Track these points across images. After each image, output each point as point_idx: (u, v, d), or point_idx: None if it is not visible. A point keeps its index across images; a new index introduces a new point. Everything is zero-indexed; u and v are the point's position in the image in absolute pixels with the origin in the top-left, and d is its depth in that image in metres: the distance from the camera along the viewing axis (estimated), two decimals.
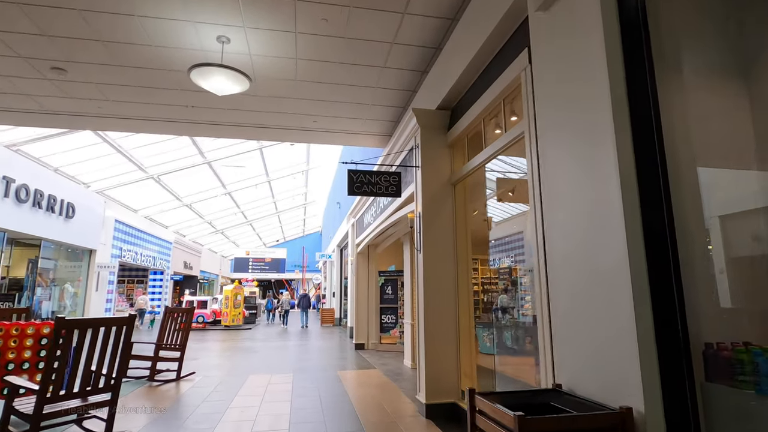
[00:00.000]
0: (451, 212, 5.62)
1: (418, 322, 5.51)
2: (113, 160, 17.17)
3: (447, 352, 5.35)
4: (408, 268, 8.75)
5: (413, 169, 5.95)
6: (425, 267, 5.40)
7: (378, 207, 8.67)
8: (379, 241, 11.04)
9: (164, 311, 7.97)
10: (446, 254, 5.52)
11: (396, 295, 11.05)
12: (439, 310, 5.40)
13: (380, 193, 5.64)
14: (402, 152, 6.53)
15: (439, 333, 5.35)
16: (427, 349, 5.25)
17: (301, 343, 12.91)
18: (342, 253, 19.39)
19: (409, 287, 8.65)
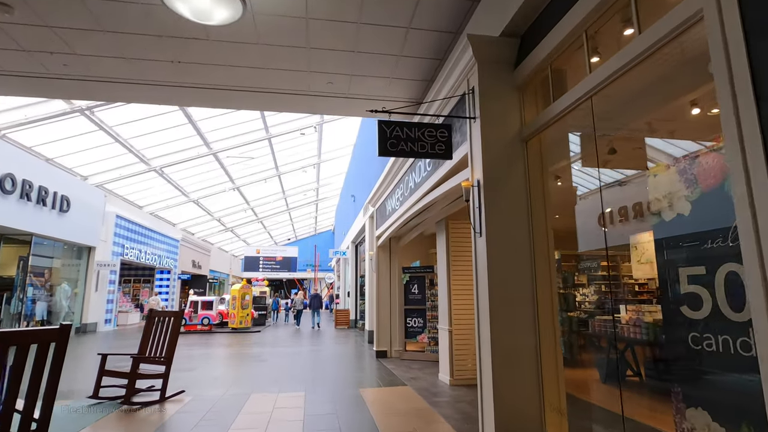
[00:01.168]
0: (523, 179, 3.97)
1: (480, 338, 3.87)
2: (112, 150, 15.80)
3: (525, 380, 3.69)
4: (443, 262, 7.11)
5: (465, 125, 4.32)
6: (490, 255, 3.76)
7: (407, 187, 7.05)
8: (402, 233, 9.41)
9: (147, 315, 6.43)
10: (518, 237, 3.87)
11: (424, 294, 9.41)
12: (511, 318, 3.75)
13: (423, 154, 4.01)
14: (448, 100, 4.88)
15: (514, 353, 3.70)
16: (496, 377, 3.60)
17: (314, 349, 11.33)
18: (357, 250, 17.81)
19: (445, 285, 7.01)
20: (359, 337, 14.28)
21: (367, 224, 12.74)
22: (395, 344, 9.71)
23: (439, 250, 7.39)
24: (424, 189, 6.03)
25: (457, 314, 6.86)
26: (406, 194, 7.05)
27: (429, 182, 5.77)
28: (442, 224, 7.24)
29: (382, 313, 9.76)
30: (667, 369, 3.15)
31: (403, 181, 7.31)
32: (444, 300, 7.03)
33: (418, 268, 9.66)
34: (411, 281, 9.60)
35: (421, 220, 7.55)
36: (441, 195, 5.44)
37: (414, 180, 6.57)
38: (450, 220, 7.12)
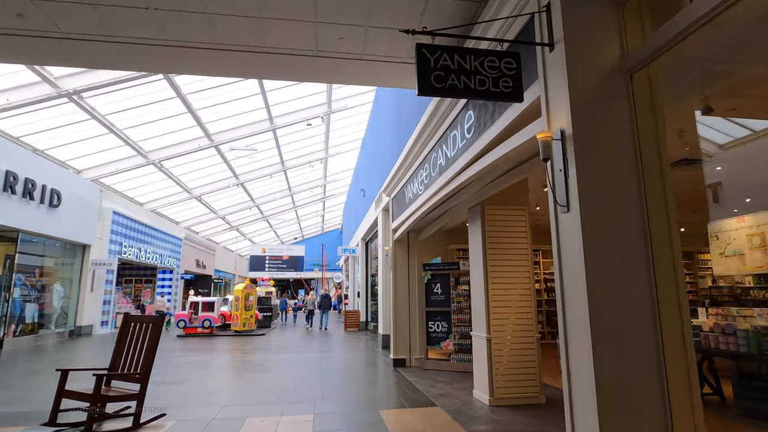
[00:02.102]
0: (629, 128, 2.70)
1: (568, 370, 2.60)
2: (107, 142, 14.69)
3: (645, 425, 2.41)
4: (478, 256, 5.85)
5: (532, 59, 3.07)
6: (587, 241, 2.49)
7: (434, 166, 5.78)
8: (423, 225, 8.15)
9: (122, 321, 5.22)
10: (626, 214, 2.61)
11: (448, 295, 8.14)
12: (624, 340, 2.47)
13: (482, 93, 2.77)
14: (509, 24, 3.61)
15: (629, 395, 2.42)
16: (603, 418, 2.33)
17: (323, 356, 10.11)
18: (368, 247, 16.57)
19: (480, 284, 5.74)
20: (371, 341, 13.04)
21: (380, 218, 11.50)
22: (415, 351, 8.45)
23: (472, 242, 6.13)
24: (459, 164, 4.77)
25: (497, 319, 5.60)
26: (434, 174, 5.80)
27: (468, 154, 4.51)
28: (476, 211, 5.98)
29: (399, 317, 8.51)
30: None
31: (429, 160, 6.06)
32: (480, 302, 5.76)
33: (441, 264, 8.39)
34: (433, 280, 8.34)
35: (450, 206, 6.29)
36: (488, 166, 4.17)
37: (445, 155, 5.31)
38: (486, 206, 5.86)
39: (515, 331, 5.62)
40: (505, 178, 4.65)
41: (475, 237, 6.03)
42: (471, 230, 6.16)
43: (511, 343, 5.59)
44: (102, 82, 11.21)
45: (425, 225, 8.16)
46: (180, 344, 12.35)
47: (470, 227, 6.20)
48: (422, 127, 5.90)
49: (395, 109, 9.94)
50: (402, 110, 9.17)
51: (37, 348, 11.60)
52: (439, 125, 5.51)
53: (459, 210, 6.52)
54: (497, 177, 4.83)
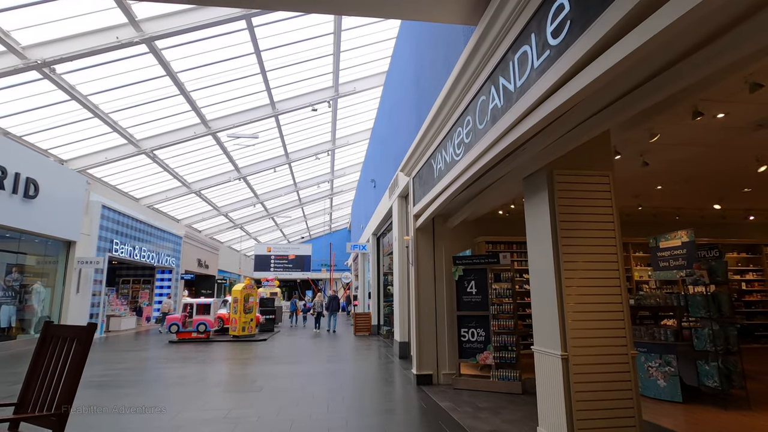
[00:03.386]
0: None
1: None
2: (92, 129, 13.15)
3: None
4: (544, 241, 4.10)
5: None
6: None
7: (480, 117, 4.06)
8: (455, 206, 6.40)
9: (41, 333, 3.55)
10: None
11: (485, 295, 6.40)
12: None
13: None
14: None
15: None
16: None
17: (330, 369, 8.42)
18: (379, 243, 14.86)
19: (550, 281, 3.99)
20: (385, 348, 11.31)
21: (395, 206, 9.80)
22: (444, 365, 6.71)
23: (532, 225, 4.40)
24: (534, 95, 3.06)
25: (577, 329, 3.86)
26: (481, 126, 4.08)
27: (553, 73, 2.80)
28: (539, 180, 4.25)
29: (424, 322, 6.78)
30: None
31: (472, 110, 4.34)
32: (548, 305, 4.03)
33: (476, 257, 6.65)
34: (466, 276, 6.61)
35: (499, 175, 4.56)
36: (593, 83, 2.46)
37: (502, 93, 3.59)
38: (556, 170, 4.13)
39: (602, 346, 3.88)
40: (573, 135, 2.94)
41: (536, 216, 4.29)
42: (530, 207, 4.43)
43: (598, 363, 3.85)
44: (75, 52, 9.64)
45: (456, 207, 6.43)
46: (169, 352, 10.73)
47: (529, 204, 4.46)
48: (464, 63, 4.18)
49: (414, 73, 8.25)
50: (422, 73, 7.47)
51: (12, 356, 10.04)
52: (492, 51, 3.82)
53: (509, 180, 4.79)
54: (591, 116, 3.12)
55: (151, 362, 9.06)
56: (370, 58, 14.80)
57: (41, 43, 9.56)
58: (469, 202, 6.15)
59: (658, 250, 6.43)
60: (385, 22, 12.96)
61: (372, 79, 15.83)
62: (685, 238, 6.01)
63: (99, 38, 9.74)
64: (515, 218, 9.16)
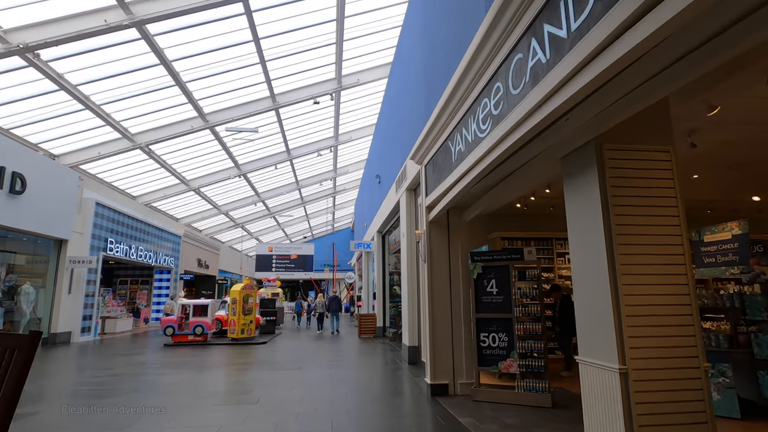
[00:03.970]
0: None
1: None
2: (84, 122, 12.48)
3: None
4: (593, 229, 3.37)
5: None
6: None
7: (516, 80, 3.32)
8: (473, 196, 5.67)
9: None
10: None
11: (508, 295, 5.65)
12: None
13: None
14: None
15: None
16: None
17: (333, 375, 7.70)
18: (385, 241, 14.13)
19: (604, 278, 3.25)
20: (392, 352, 10.58)
21: (403, 200, 9.08)
22: (461, 374, 5.97)
23: (573, 211, 3.67)
24: (587, 48, 2.35)
25: (638, 337, 3.12)
26: (516, 92, 3.35)
27: (617, 16, 2.08)
28: (583, 157, 3.52)
29: (438, 326, 6.04)
30: None
31: (502, 75, 3.61)
32: (599, 309, 3.29)
33: (497, 252, 5.92)
34: (485, 274, 5.87)
35: (533, 153, 3.84)
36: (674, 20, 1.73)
37: (550, 44, 2.86)
38: (606, 145, 3.39)
39: (669, 358, 3.14)
40: (630, 99, 2.23)
41: (581, 202, 3.56)
42: (573, 192, 3.69)
43: (664, 379, 3.10)
44: (60, 36, 8.96)
45: (474, 197, 5.69)
46: (162, 356, 10.03)
47: (570, 187, 3.72)
48: (497, 12, 3.45)
49: (425, 51, 7.52)
50: (436, 46, 6.75)
51: None
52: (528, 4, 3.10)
53: (542, 161, 4.06)
54: (657, 73, 2.41)
55: (141, 368, 8.36)
56: (374, 48, 14.10)
57: (23, 27, 8.89)
58: (490, 190, 5.41)
59: (701, 244, 5.68)
60: (389, 9, 12.26)
61: (376, 71, 15.12)
62: (736, 231, 5.25)
63: (85, 21, 9.06)
64: (534, 212, 8.42)
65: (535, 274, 5.60)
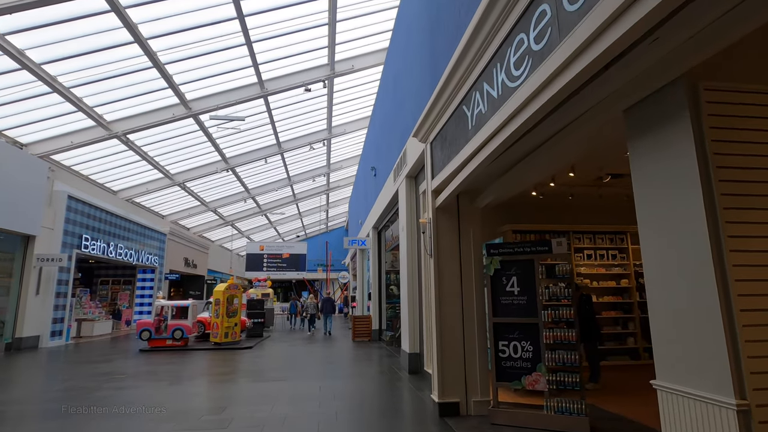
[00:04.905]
0: None
1: None
2: (51, 107, 11.31)
3: None
4: (690, 199, 2.35)
5: None
6: None
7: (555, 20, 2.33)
8: (489, 176, 4.64)
9: None
10: None
11: (533, 295, 4.62)
12: None
13: None
14: None
15: None
16: None
17: (324, 389, 6.64)
18: (381, 237, 13.07)
19: (708, 269, 2.23)
20: (389, 358, 9.53)
21: (402, 189, 8.04)
22: (475, 390, 4.92)
23: (645, 178, 2.65)
24: None
25: (765, 354, 2.10)
26: (571, 7, 2.33)
27: None
28: (666, 103, 2.50)
29: (448, 332, 4.99)
30: None
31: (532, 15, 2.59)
32: (695, 315, 2.27)
33: (518, 245, 4.88)
34: (504, 270, 4.84)
35: (588, 103, 2.83)
36: None
37: None
38: (703, 83, 2.38)
39: None
40: None
41: (660, 166, 2.54)
42: (644, 153, 2.67)
43: None
44: (16, 1, 7.81)
45: (493, 176, 4.66)
46: (134, 363, 8.88)
47: (641, 147, 2.70)
48: None
49: (431, 15, 6.47)
50: (442, 8, 5.71)
51: None
52: None
53: (595, 117, 3.04)
54: None
55: (103, 379, 7.22)
56: (369, 31, 13.06)
57: None
58: (511, 170, 4.39)
59: None
60: None
61: (372, 57, 14.09)
62: None
63: None
64: (550, 202, 7.41)
65: (566, 270, 4.57)
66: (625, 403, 5.12)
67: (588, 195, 7.22)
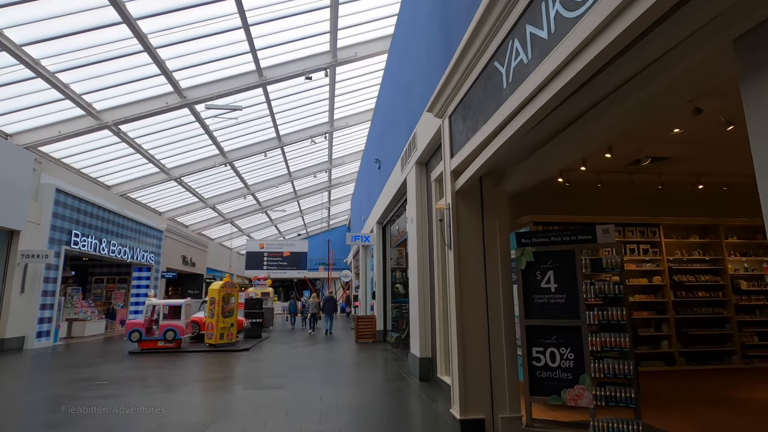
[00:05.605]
0: None
1: None
2: (35, 94, 10.58)
3: None
4: None
5: None
6: None
7: None
8: (524, 148, 3.87)
9: None
10: None
11: (574, 292, 3.85)
12: None
13: None
14: None
15: None
16: None
17: (325, 399, 5.89)
18: (386, 232, 12.30)
19: None
20: (396, 361, 8.76)
21: (412, 177, 7.28)
22: (503, 405, 4.15)
23: (755, 117, 1.88)
24: None
25: None
26: None
27: None
28: None
29: (470, 335, 4.22)
30: None
31: None
32: None
33: (554, 233, 4.11)
34: (539, 263, 4.07)
35: (684, 31, 2.07)
36: None
37: None
38: None
39: None
40: None
41: None
42: (764, 91, 1.90)
43: None
44: None
45: (527, 150, 3.89)
46: (118, 368, 8.13)
47: (754, 87, 1.94)
48: None
49: None
50: None
51: None
52: None
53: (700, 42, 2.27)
54: None
55: (82, 386, 6.47)
56: (373, 15, 12.31)
57: None
58: (547, 144, 3.63)
59: None
60: None
61: (376, 44, 13.34)
62: None
63: None
64: (574, 191, 6.62)
65: (617, 262, 3.80)
66: (672, 417, 4.35)
67: (618, 183, 6.44)
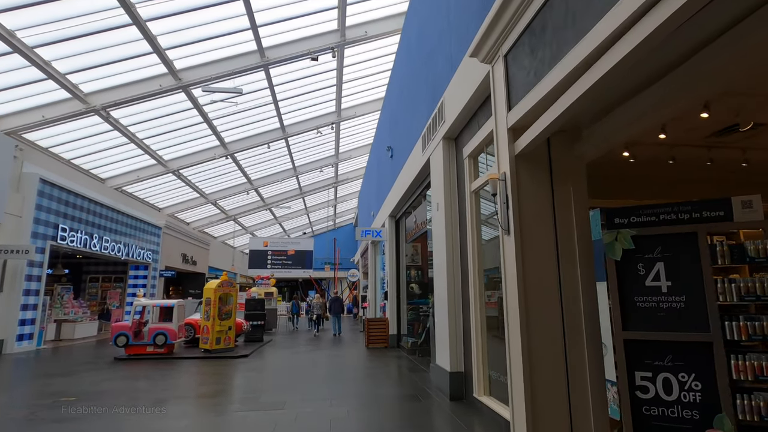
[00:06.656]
0: None
1: None
2: (13, 73, 9.52)
3: None
4: None
5: None
6: None
7: None
8: (624, 89, 2.69)
9: None
10: None
11: (697, 293, 2.66)
12: None
13: None
14: None
15: None
16: None
17: (335, 426, 4.70)
18: (399, 227, 11.09)
19: None
20: (414, 373, 7.55)
21: (436, 157, 6.09)
22: None
23: None
24: None
25: None
26: None
27: None
28: None
29: (539, 350, 3.03)
30: None
31: None
32: None
33: (663, 207, 2.88)
34: (641, 253, 2.85)
35: None
36: None
37: None
38: None
39: None
40: None
41: None
42: None
43: None
44: None
45: (627, 92, 2.71)
46: (96, 379, 6.99)
47: None
48: None
49: None
50: None
51: None
52: None
53: None
54: None
55: (44, 404, 5.33)
56: None
57: None
58: (638, 95, 2.44)
59: None
60: None
61: (388, 22, 12.16)
62: None
63: None
64: (640, 170, 5.39)
65: (766, 248, 2.58)
66: None
67: (694, 159, 5.21)
